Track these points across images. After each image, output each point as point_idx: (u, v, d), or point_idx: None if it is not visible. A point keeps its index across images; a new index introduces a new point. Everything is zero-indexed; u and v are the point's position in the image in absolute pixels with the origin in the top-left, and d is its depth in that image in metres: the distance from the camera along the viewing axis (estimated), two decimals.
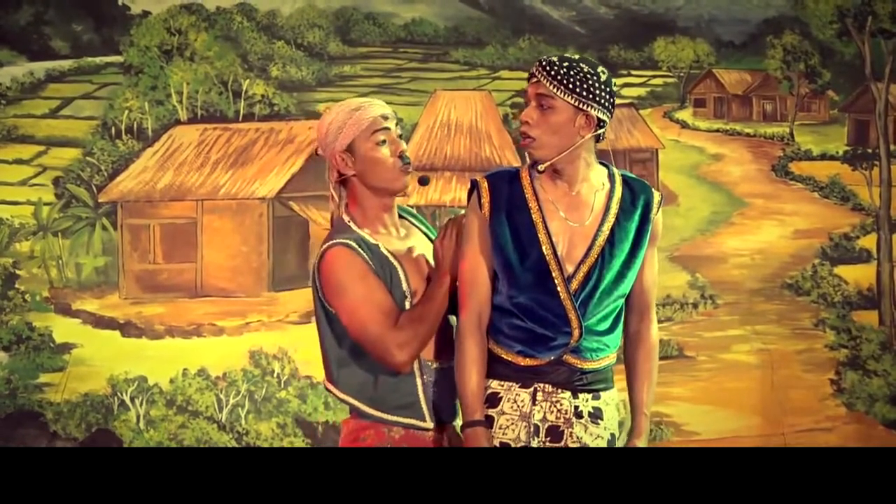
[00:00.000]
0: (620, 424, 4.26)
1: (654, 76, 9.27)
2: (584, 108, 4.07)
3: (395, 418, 4.20)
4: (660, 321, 8.99)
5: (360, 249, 4.18)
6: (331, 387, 4.27)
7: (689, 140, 9.29)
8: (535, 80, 4.10)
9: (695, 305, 8.96)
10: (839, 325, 8.94)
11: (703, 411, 8.79)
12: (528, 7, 9.21)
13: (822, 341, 8.94)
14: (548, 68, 4.07)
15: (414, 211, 4.48)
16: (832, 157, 9.19)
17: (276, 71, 9.05)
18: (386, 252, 4.22)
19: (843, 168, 9.15)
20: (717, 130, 9.35)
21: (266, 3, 9.12)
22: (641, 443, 4.20)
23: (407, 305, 4.20)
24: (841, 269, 9.02)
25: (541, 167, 4.11)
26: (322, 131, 4.29)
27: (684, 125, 9.31)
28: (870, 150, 9.10)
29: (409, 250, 4.28)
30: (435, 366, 4.25)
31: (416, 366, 4.20)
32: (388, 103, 4.37)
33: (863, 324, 8.95)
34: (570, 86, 4.05)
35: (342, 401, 4.25)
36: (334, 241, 4.21)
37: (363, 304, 4.14)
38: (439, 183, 8.96)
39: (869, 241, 9.04)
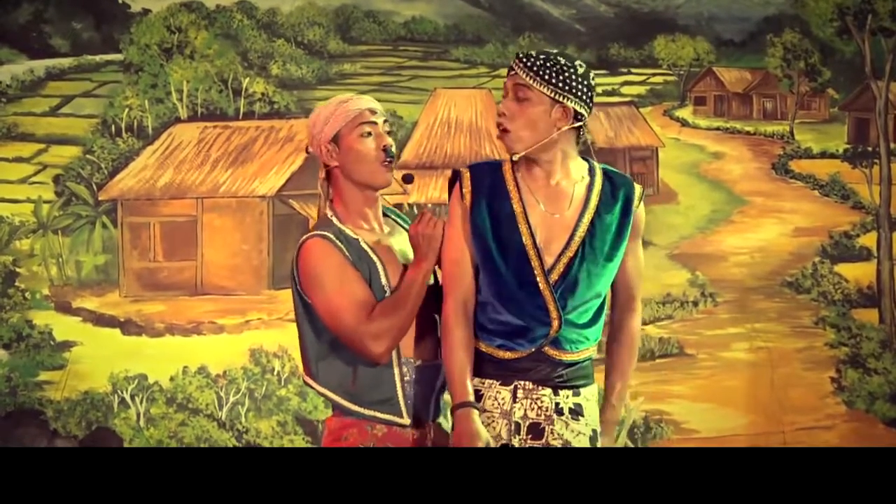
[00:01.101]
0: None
1: (655, 74, 9.26)
2: (561, 99, 4.10)
3: (372, 413, 4.20)
4: (660, 319, 8.95)
5: (337, 242, 4.19)
6: (310, 380, 4.28)
7: (689, 138, 9.29)
8: (512, 72, 4.13)
9: (695, 303, 8.96)
10: (839, 323, 8.94)
11: (703, 409, 8.79)
12: (528, 5, 9.21)
13: (823, 339, 8.94)
14: (524, 60, 4.11)
15: (398, 211, 4.49)
16: (832, 156, 9.19)
17: (276, 69, 9.05)
18: (366, 247, 4.23)
19: (843, 166, 9.15)
20: (718, 128, 9.35)
21: (266, 1, 9.12)
22: (606, 434, 4.22)
23: None
24: (841, 267, 9.02)
25: (515, 157, 4.14)
26: (311, 125, 4.31)
27: (684, 123, 9.31)
28: (870, 149, 9.10)
29: (391, 246, 4.29)
30: (418, 363, 4.25)
31: (395, 361, 4.21)
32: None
33: (863, 322, 8.96)
34: (546, 77, 4.08)
35: (321, 395, 4.26)
36: (312, 233, 4.23)
37: (339, 296, 4.15)
38: (439, 181, 8.96)
39: (869, 240, 9.04)
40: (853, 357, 8.90)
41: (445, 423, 4.34)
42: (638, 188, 4.24)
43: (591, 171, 4.22)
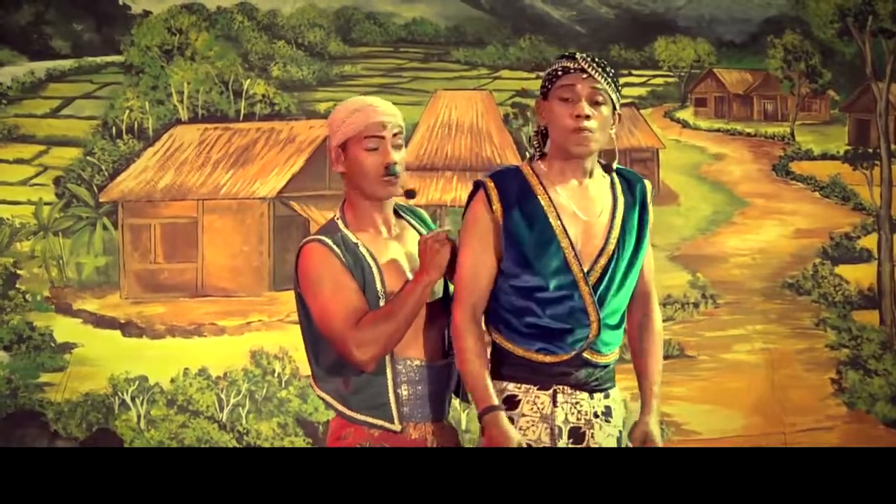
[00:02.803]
0: (624, 422, 4.28)
1: (655, 76, 9.27)
2: (618, 105, 4.18)
3: (364, 418, 4.20)
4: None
5: (335, 247, 4.20)
6: (313, 383, 4.32)
7: (689, 140, 9.30)
8: (585, 75, 4.10)
9: (696, 305, 8.96)
10: (840, 325, 8.94)
11: (704, 411, 8.79)
12: (528, 7, 9.21)
13: (823, 341, 8.94)
14: (602, 65, 4.13)
15: (420, 210, 4.47)
16: (833, 157, 9.19)
17: (277, 70, 9.05)
18: (364, 252, 4.23)
19: (843, 168, 9.15)
20: (718, 130, 9.35)
21: (267, 2, 9.12)
22: (653, 420, 4.25)
23: (381, 305, 4.20)
24: (842, 269, 9.02)
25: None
26: (329, 123, 4.33)
27: (685, 125, 9.32)
28: (870, 150, 9.10)
29: (394, 252, 4.28)
30: (417, 362, 4.25)
31: (388, 367, 4.20)
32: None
33: (863, 323, 8.95)
34: (615, 83, 4.14)
35: (321, 398, 4.28)
36: (311, 237, 4.26)
37: (330, 301, 4.16)
38: (440, 182, 8.96)
39: (870, 241, 9.04)
40: (854, 358, 8.90)
41: (449, 424, 4.34)
42: (649, 184, 4.29)
43: (606, 170, 4.25)
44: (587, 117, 4.10)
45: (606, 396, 4.20)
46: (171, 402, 8.71)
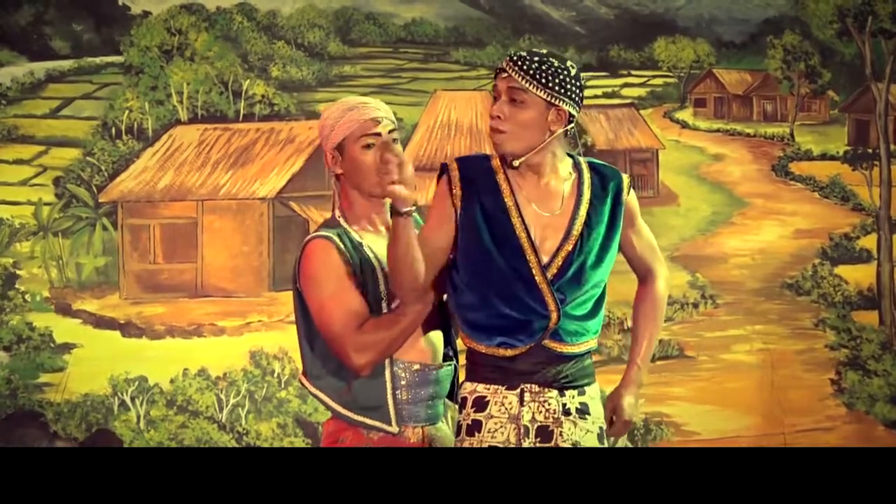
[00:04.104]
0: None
1: (655, 76, 9.26)
2: (556, 102, 4.09)
3: (361, 419, 4.18)
4: None
5: (341, 244, 4.18)
6: (304, 380, 4.27)
7: (689, 140, 9.29)
8: (505, 74, 4.11)
9: (695, 305, 8.96)
10: (839, 325, 8.94)
11: (704, 411, 8.79)
12: (528, 7, 9.21)
13: (823, 341, 8.94)
14: (519, 63, 4.09)
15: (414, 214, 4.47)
16: (832, 157, 9.19)
17: (277, 71, 9.05)
18: (369, 252, 4.21)
19: (843, 168, 9.15)
20: (718, 130, 9.35)
21: (266, 3, 9.12)
22: (629, 393, 4.22)
23: (383, 307, 4.18)
24: (841, 269, 9.02)
25: (515, 162, 4.12)
26: (320, 127, 4.31)
27: (685, 125, 9.31)
28: (870, 150, 9.10)
29: None
30: (416, 367, 4.24)
31: (387, 370, 4.19)
32: (388, 103, 4.37)
33: (863, 324, 8.95)
34: (543, 80, 4.07)
35: (314, 395, 4.24)
36: (317, 233, 4.22)
37: (331, 300, 4.13)
38: None
39: (869, 241, 9.04)
40: (853, 359, 8.90)
41: (443, 426, 4.33)
42: (625, 178, 4.25)
43: (577, 166, 4.22)
44: (497, 117, 4.11)
45: (582, 394, 4.17)
46: (170, 403, 8.71)
